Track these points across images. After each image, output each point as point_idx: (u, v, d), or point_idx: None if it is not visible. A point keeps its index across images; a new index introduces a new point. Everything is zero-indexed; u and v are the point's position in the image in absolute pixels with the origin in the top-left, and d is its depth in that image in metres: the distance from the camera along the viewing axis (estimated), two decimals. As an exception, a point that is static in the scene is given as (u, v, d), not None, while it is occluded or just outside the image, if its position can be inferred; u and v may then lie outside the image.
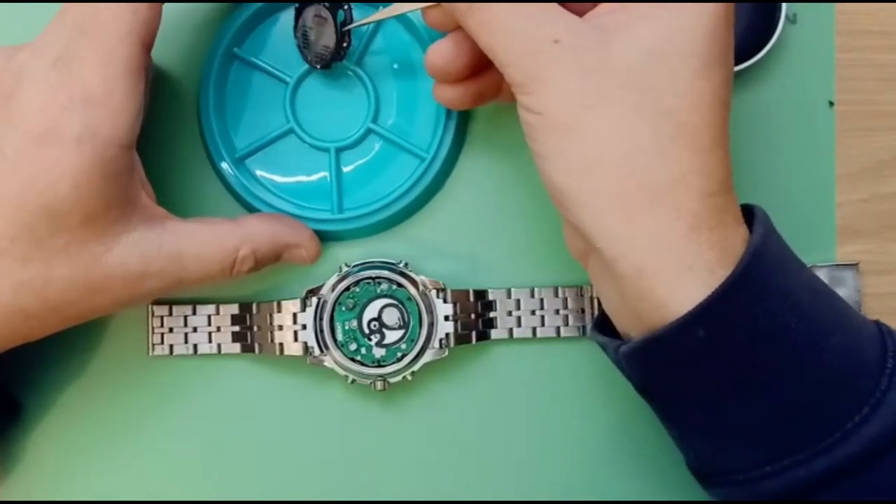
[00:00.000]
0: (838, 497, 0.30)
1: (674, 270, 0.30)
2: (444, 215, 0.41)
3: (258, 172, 0.41)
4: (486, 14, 0.31)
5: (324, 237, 0.41)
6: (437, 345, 0.39)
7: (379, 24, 0.40)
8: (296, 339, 0.39)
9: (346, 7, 0.38)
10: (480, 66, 0.35)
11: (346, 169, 0.41)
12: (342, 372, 0.39)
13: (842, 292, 0.40)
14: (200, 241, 0.35)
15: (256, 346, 0.40)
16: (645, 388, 0.33)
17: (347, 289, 0.39)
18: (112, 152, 0.32)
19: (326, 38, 0.38)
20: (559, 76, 0.30)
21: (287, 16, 0.41)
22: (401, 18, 0.40)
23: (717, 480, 0.33)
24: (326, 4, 0.37)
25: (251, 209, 0.40)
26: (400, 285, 0.39)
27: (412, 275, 0.39)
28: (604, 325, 0.35)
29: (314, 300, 0.39)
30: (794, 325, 0.30)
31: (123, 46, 0.32)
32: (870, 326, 0.32)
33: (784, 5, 0.39)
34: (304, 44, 0.39)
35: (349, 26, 0.38)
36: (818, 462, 0.30)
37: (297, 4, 0.39)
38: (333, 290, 0.39)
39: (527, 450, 0.41)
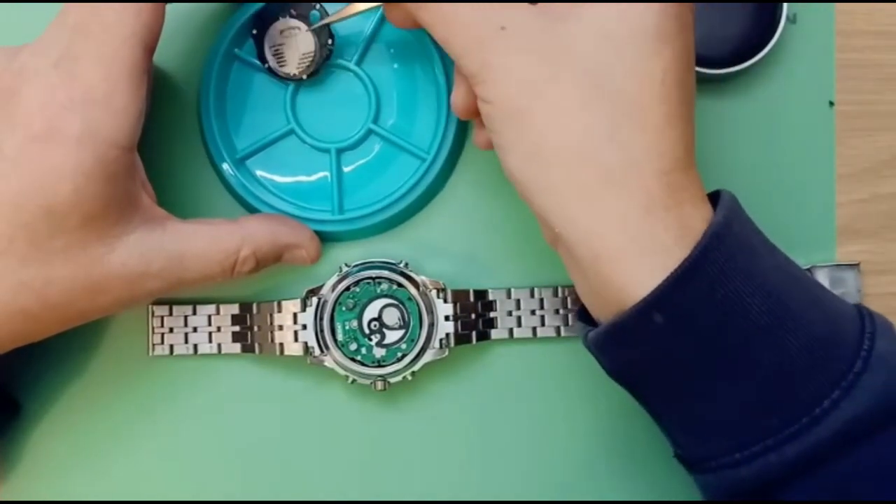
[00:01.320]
0: (816, 487, 0.30)
1: (631, 253, 0.30)
2: (445, 216, 0.41)
3: (259, 173, 0.41)
4: (435, 8, 0.31)
5: (324, 238, 0.41)
6: (437, 345, 0.39)
7: (379, 24, 0.41)
8: (296, 339, 0.39)
9: (317, 6, 0.38)
10: None
11: (346, 169, 0.41)
12: (342, 372, 0.39)
13: (842, 292, 0.40)
14: (201, 242, 0.35)
15: (257, 346, 0.40)
16: (615, 374, 0.33)
17: (348, 289, 0.39)
18: (113, 153, 0.32)
19: (304, 45, 0.38)
20: (507, 63, 0.30)
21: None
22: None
23: (697, 468, 0.33)
24: (292, 13, 0.38)
25: (252, 210, 0.40)
26: (400, 285, 0.39)
27: (412, 275, 0.39)
28: (585, 312, 0.35)
29: (314, 300, 0.39)
30: (758, 306, 0.29)
31: (126, 48, 0.32)
32: (848, 308, 0.32)
33: (784, 5, 0.39)
34: (279, 63, 0.39)
35: (325, 21, 0.38)
36: (788, 448, 0.29)
37: (252, 31, 0.39)
38: (334, 290, 0.39)
39: (527, 449, 0.41)
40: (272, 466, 0.41)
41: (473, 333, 0.39)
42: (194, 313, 0.40)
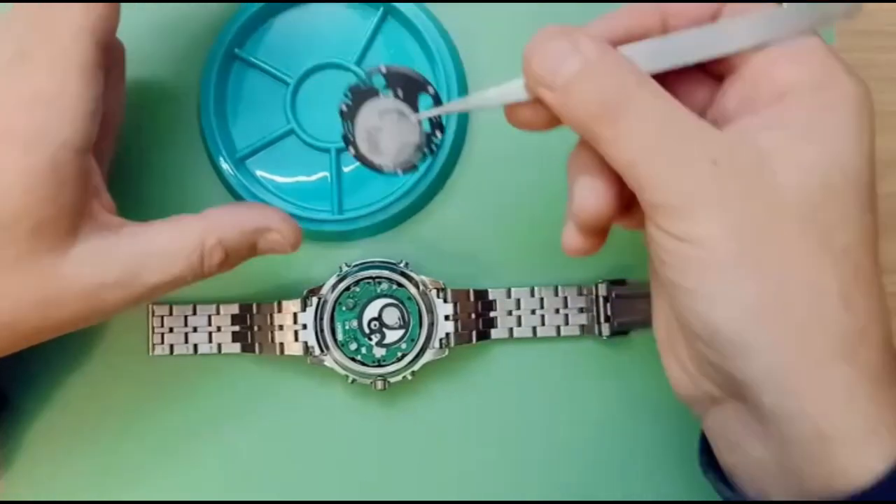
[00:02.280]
0: None
1: (859, 435, 0.26)
2: (445, 216, 0.41)
3: (259, 173, 0.41)
4: (631, 126, 0.27)
5: (324, 237, 0.41)
6: (437, 344, 0.39)
7: (379, 25, 0.41)
8: (296, 339, 0.39)
9: (430, 89, 0.31)
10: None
11: (346, 169, 0.41)
12: (342, 372, 0.39)
13: None
14: (161, 241, 0.32)
15: (257, 346, 0.40)
16: None
17: (348, 288, 0.39)
18: (63, 155, 0.29)
19: (405, 134, 0.32)
20: (723, 202, 0.26)
21: (288, 16, 0.41)
22: (400, 19, 0.40)
23: None
24: (398, 94, 0.31)
25: (252, 209, 0.40)
26: (400, 285, 0.39)
27: (412, 274, 0.39)
28: (708, 461, 0.31)
29: (314, 300, 0.39)
30: None
31: (76, 44, 0.30)
32: None
33: (784, 5, 0.39)
34: (371, 149, 0.32)
35: (439, 110, 0.31)
36: None
37: (340, 107, 0.32)
38: (333, 289, 0.39)
39: (527, 449, 0.41)
40: (272, 466, 0.41)
41: (473, 333, 0.39)
42: (194, 313, 0.40)
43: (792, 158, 0.27)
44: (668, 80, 0.29)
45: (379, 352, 0.39)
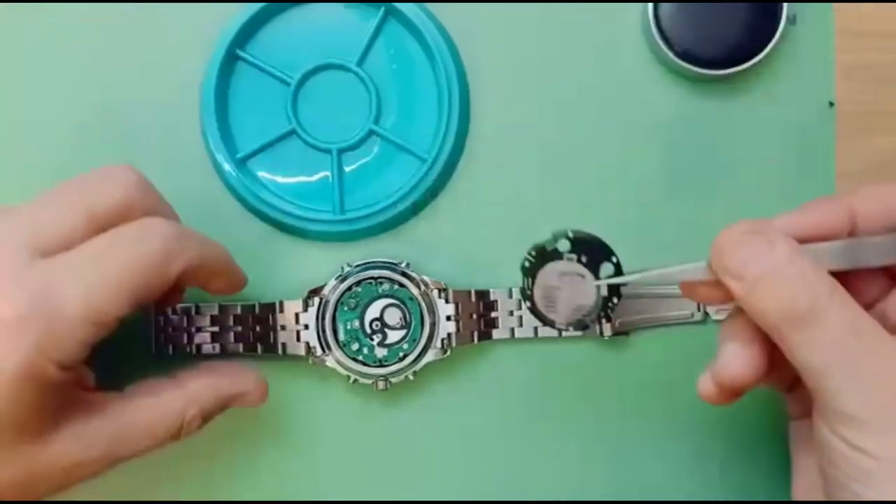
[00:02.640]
0: None
1: None
2: (446, 216, 0.41)
3: (260, 173, 0.41)
4: (822, 333, 0.28)
5: (325, 238, 0.41)
6: (438, 345, 0.39)
7: (380, 25, 0.41)
8: (298, 339, 0.39)
9: (614, 260, 0.32)
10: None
11: (347, 170, 0.41)
12: (344, 372, 0.39)
13: None
14: (144, 416, 0.34)
15: (259, 346, 0.40)
16: None
17: (349, 289, 0.39)
18: (52, 371, 0.30)
19: (582, 297, 0.33)
20: None
21: (289, 16, 0.41)
22: (401, 19, 0.40)
23: None
24: (582, 259, 0.32)
25: (253, 210, 0.40)
26: (402, 285, 0.39)
27: (414, 275, 0.39)
28: None
29: (316, 300, 0.39)
30: None
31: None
32: None
33: (784, 5, 0.39)
34: (547, 306, 0.33)
35: (620, 280, 0.32)
36: None
37: (523, 263, 0.33)
38: (335, 290, 0.39)
39: (528, 450, 0.41)
40: (273, 465, 0.41)
41: (475, 333, 0.39)
42: (197, 313, 0.40)
43: None
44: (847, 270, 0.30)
45: (381, 352, 0.39)
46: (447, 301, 0.39)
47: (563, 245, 0.32)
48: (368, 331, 0.39)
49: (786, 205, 0.41)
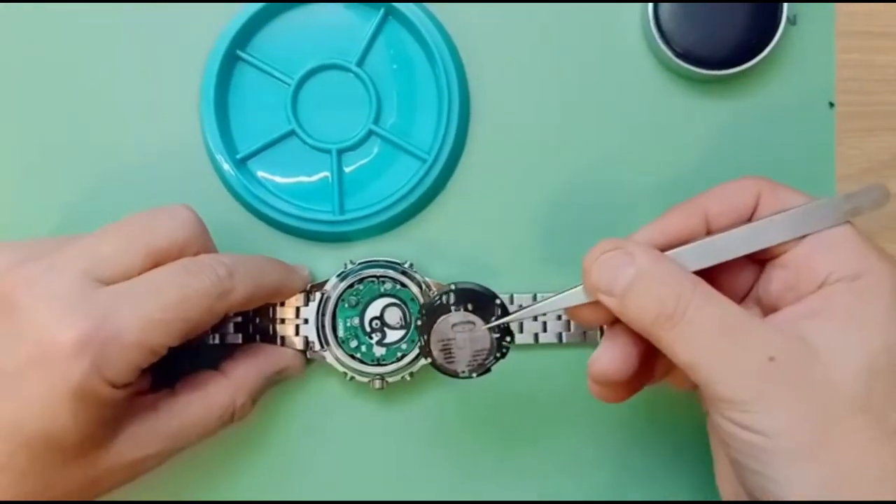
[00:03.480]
0: None
1: None
2: (446, 217, 0.41)
3: (259, 174, 0.41)
4: (690, 330, 0.30)
5: (325, 238, 0.41)
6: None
7: (380, 26, 0.41)
8: (297, 333, 0.39)
9: (497, 302, 0.34)
10: (645, 366, 0.33)
11: (347, 170, 0.41)
12: (341, 368, 0.39)
13: None
14: (196, 412, 0.36)
15: (257, 337, 0.40)
16: None
17: (351, 286, 0.39)
18: (107, 391, 0.32)
19: (477, 343, 0.35)
20: (783, 396, 0.29)
21: (289, 17, 0.41)
22: (401, 19, 0.40)
23: None
24: (468, 307, 0.34)
25: (252, 210, 0.41)
26: (403, 285, 0.39)
27: (416, 275, 0.39)
28: None
29: (318, 295, 0.39)
30: None
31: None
32: None
33: (784, 6, 0.39)
34: (446, 359, 0.35)
35: (506, 319, 0.34)
36: None
37: (416, 323, 0.35)
38: (337, 286, 0.39)
39: (526, 455, 0.41)
40: (269, 465, 0.41)
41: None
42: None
43: (839, 348, 0.29)
44: (716, 265, 0.32)
45: (379, 351, 0.39)
46: (447, 301, 0.39)
47: (449, 298, 0.34)
48: (368, 329, 0.39)
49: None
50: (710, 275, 0.32)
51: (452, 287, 0.34)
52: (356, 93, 0.41)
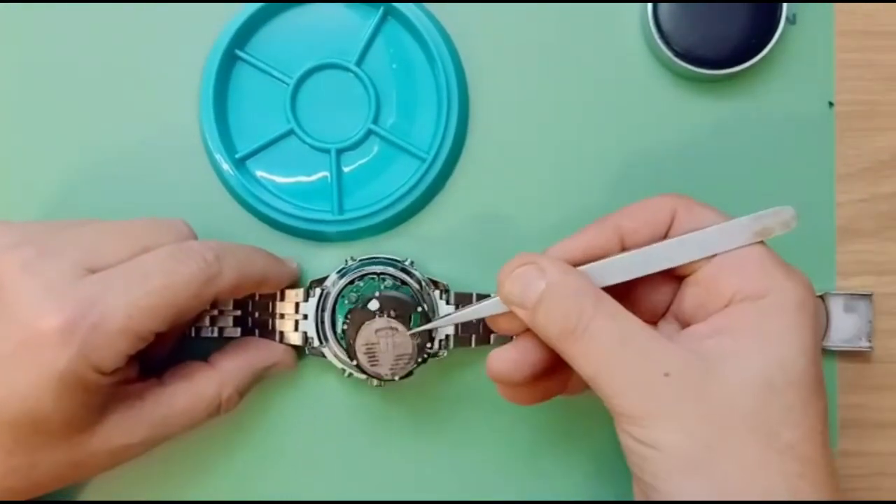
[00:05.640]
0: None
1: None
2: (445, 217, 0.41)
3: (258, 173, 0.41)
4: (591, 345, 0.31)
5: (324, 238, 0.41)
6: (436, 345, 0.39)
7: (379, 25, 0.40)
8: (296, 329, 0.39)
9: (419, 309, 0.36)
10: (546, 372, 0.34)
11: (346, 170, 0.41)
12: (339, 365, 0.39)
13: (853, 320, 0.40)
14: (182, 400, 0.36)
15: (256, 332, 0.39)
16: None
17: (352, 282, 0.39)
18: (93, 376, 0.32)
19: (401, 347, 0.36)
20: (675, 411, 0.30)
21: (288, 16, 0.41)
22: (400, 19, 0.40)
23: None
24: (391, 313, 0.36)
25: (251, 210, 0.40)
26: (403, 283, 0.39)
27: (416, 273, 0.39)
28: None
29: (317, 291, 0.39)
30: None
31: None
32: None
33: (784, 5, 0.39)
34: (370, 362, 0.37)
35: (428, 326, 0.36)
36: None
37: (343, 326, 0.37)
38: (337, 282, 0.39)
39: (525, 453, 0.41)
40: (265, 460, 0.41)
41: (473, 337, 0.39)
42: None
43: (737, 365, 0.30)
44: (634, 282, 0.33)
45: (378, 349, 0.39)
46: (448, 302, 0.39)
47: (374, 304, 0.36)
48: (367, 327, 0.39)
49: (786, 205, 0.41)
50: (629, 290, 0.33)
51: (377, 294, 0.36)
52: (355, 92, 0.41)
